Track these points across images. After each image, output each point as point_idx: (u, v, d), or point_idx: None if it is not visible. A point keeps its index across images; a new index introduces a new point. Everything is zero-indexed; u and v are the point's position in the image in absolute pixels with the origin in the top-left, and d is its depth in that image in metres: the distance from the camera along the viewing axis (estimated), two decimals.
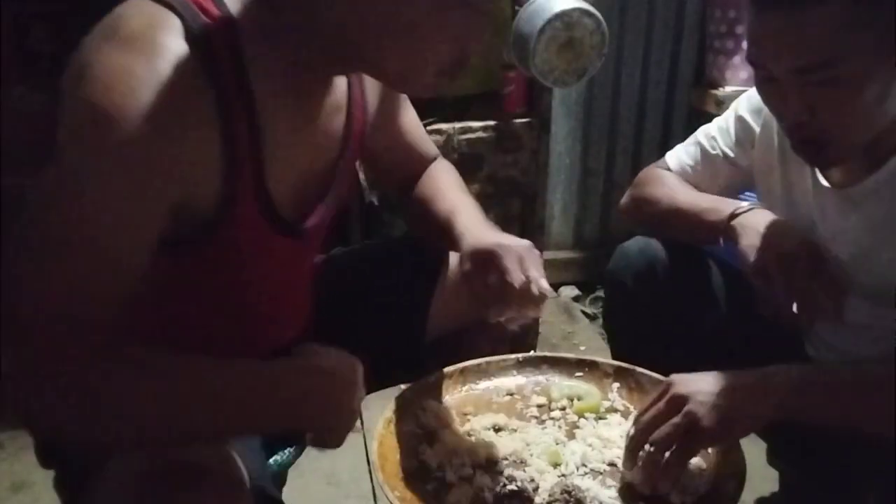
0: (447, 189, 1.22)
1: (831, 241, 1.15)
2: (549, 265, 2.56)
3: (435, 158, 1.30)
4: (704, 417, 0.93)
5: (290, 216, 0.98)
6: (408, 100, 1.24)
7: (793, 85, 1.00)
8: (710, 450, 1.04)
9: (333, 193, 1.07)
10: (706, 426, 0.93)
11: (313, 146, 1.01)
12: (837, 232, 1.14)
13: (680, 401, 0.95)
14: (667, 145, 2.76)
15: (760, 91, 1.09)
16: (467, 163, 2.04)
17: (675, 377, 1.00)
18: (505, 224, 2.39)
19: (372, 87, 1.12)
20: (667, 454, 0.94)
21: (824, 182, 1.14)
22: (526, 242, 1.06)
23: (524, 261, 1.02)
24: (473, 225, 1.11)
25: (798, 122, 1.04)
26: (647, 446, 0.95)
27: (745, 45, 1.08)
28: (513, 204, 2.40)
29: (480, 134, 2.07)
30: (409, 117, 1.25)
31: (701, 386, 0.96)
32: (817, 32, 0.95)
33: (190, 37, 0.82)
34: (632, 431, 0.99)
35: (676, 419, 0.94)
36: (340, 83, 1.04)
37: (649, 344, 1.31)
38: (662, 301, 1.33)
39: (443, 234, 1.14)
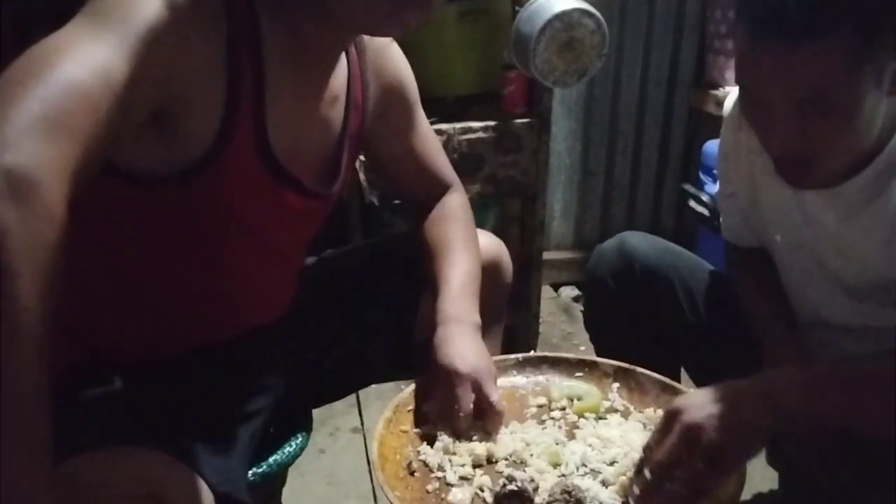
0: (447, 246, 1.21)
1: (815, 240, 1.17)
2: (549, 265, 2.59)
3: (450, 186, 1.30)
4: (726, 446, 0.90)
5: (290, 170, 1.00)
6: (425, 120, 1.25)
7: (786, 112, 0.99)
8: None
9: (337, 176, 1.09)
10: (730, 455, 0.90)
11: (314, 121, 1.04)
12: (820, 230, 1.16)
13: (695, 430, 0.90)
14: (667, 145, 2.79)
15: (747, 113, 1.08)
16: (467, 163, 2.04)
17: (679, 403, 0.95)
18: (505, 224, 2.40)
19: (375, 91, 1.14)
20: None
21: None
22: (484, 364, 1.08)
23: (481, 385, 1.06)
24: (449, 317, 1.12)
25: (788, 148, 1.03)
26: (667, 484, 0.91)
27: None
28: (513, 204, 2.41)
29: (480, 134, 2.07)
30: (424, 134, 1.26)
31: (711, 410, 0.91)
32: (819, 64, 0.94)
33: None
34: (646, 472, 0.93)
35: (699, 453, 0.90)
36: (339, 78, 1.06)
37: (629, 341, 1.34)
38: (640, 298, 1.36)
39: (432, 299, 1.17)
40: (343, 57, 1.09)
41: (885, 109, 1.02)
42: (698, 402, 0.93)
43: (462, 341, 1.09)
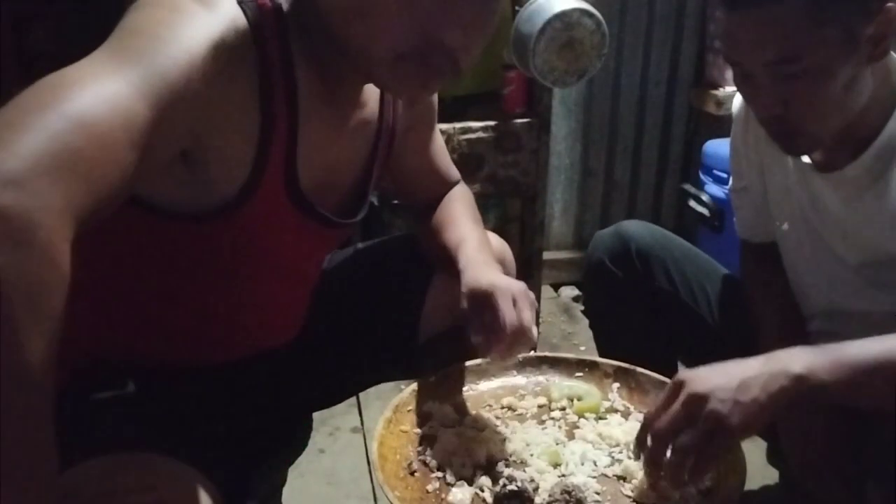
0: (458, 218, 1.23)
1: (821, 223, 1.19)
2: (549, 265, 2.59)
3: (456, 182, 1.32)
4: (730, 415, 0.88)
5: (317, 205, 1.00)
6: (439, 132, 1.26)
7: (766, 78, 1.05)
8: None
9: (363, 203, 1.10)
10: (733, 424, 0.88)
11: (342, 153, 1.03)
12: (826, 214, 1.18)
13: (698, 401, 0.89)
14: (667, 145, 2.79)
15: (738, 87, 1.14)
16: (467, 163, 2.04)
17: (684, 374, 0.94)
18: (505, 224, 2.40)
19: (403, 115, 1.14)
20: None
21: (811, 168, 1.18)
22: (521, 284, 1.08)
23: (518, 302, 1.05)
24: (475, 260, 1.12)
25: (773, 114, 1.08)
26: (668, 453, 0.90)
27: None
28: (513, 204, 2.41)
29: (480, 134, 2.07)
30: (440, 146, 1.27)
31: (717, 381, 0.90)
32: (783, 27, 1.00)
33: (245, 12, 0.85)
34: (649, 440, 0.93)
35: (700, 423, 0.88)
36: (371, 101, 1.06)
37: (627, 323, 1.38)
38: (636, 279, 1.39)
39: (449, 264, 1.16)
40: None
41: (874, 83, 1.06)
42: (703, 375, 0.92)
43: (494, 272, 1.10)
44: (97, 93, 0.68)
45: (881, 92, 1.08)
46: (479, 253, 1.15)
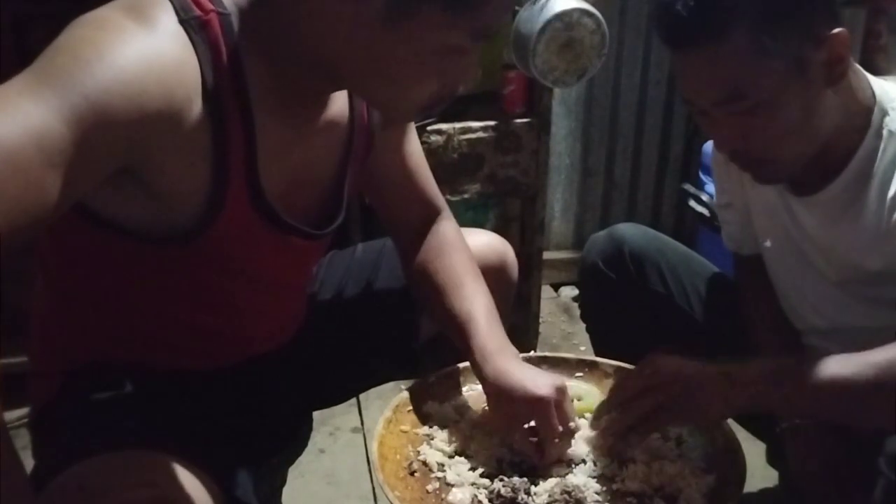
0: (462, 282, 1.15)
1: (802, 241, 1.20)
2: (549, 265, 2.59)
3: (440, 210, 1.24)
4: (680, 397, 0.99)
5: (288, 216, 0.99)
6: (417, 137, 1.21)
7: (720, 116, 1.05)
8: (710, 448, 1.05)
9: (339, 208, 1.07)
10: (680, 406, 0.99)
11: (308, 157, 1.01)
12: (805, 233, 1.19)
13: (658, 378, 1.00)
14: (667, 145, 2.79)
15: (699, 124, 1.14)
16: (467, 163, 2.04)
17: (658, 356, 1.03)
18: (505, 224, 2.40)
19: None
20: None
21: (787, 191, 1.19)
22: (557, 381, 1.04)
23: (561, 407, 1.02)
24: (491, 350, 1.07)
25: (734, 149, 1.09)
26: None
27: None
28: (513, 204, 2.40)
29: (480, 134, 2.07)
30: (418, 151, 1.21)
31: (682, 368, 1.01)
32: (726, 65, 1.00)
33: (185, 24, 0.83)
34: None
35: (654, 394, 0.99)
36: (340, 99, 1.03)
37: (621, 324, 1.39)
38: (629, 281, 1.41)
39: (455, 337, 1.12)
40: None
41: (840, 102, 1.05)
42: (673, 361, 1.02)
43: (523, 368, 1.06)
44: (9, 113, 0.68)
45: (852, 110, 1.07)
46: (492, 334, 1.09)
